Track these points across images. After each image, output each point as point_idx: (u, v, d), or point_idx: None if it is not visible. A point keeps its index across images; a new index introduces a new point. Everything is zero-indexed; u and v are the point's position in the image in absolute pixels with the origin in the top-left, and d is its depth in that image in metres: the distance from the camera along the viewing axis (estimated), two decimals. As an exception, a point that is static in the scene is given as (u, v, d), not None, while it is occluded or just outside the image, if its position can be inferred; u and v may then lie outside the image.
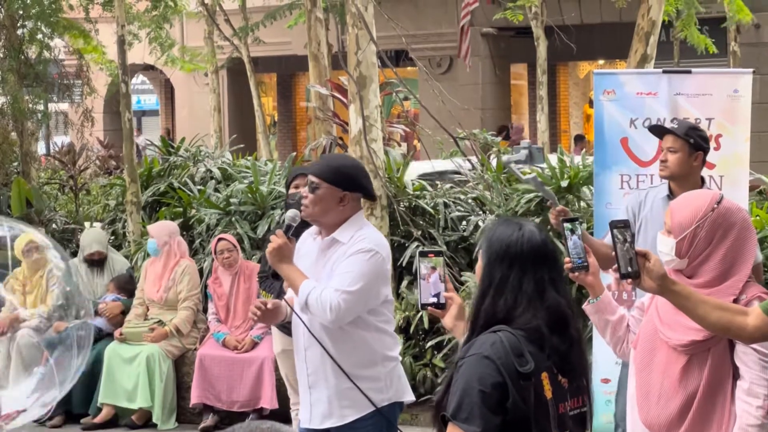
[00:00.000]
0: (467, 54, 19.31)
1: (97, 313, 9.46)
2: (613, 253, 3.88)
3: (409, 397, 5.21)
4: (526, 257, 3.46)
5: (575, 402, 3.49)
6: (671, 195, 5.89)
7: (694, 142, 5.85)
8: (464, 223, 9.61)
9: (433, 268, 3.86)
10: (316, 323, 4.95)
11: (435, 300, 3.86)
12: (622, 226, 3.91)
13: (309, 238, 5.18)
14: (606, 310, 4.23)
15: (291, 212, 5.02)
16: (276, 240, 4.92)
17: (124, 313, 9.50)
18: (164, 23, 17.75)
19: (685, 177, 5.86)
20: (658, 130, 6.07)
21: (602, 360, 7.09)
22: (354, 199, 5.07)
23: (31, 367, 9.43)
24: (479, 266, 3.56)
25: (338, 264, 4.95)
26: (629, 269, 3.86)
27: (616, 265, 3.88)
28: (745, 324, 3.81)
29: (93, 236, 9.89)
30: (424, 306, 3.90)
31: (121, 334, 9.21)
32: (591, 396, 3.56)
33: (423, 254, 3.91)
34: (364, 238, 5.01)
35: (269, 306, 5.01)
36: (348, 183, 5.05)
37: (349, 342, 4.97)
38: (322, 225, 5.06)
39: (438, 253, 3.91)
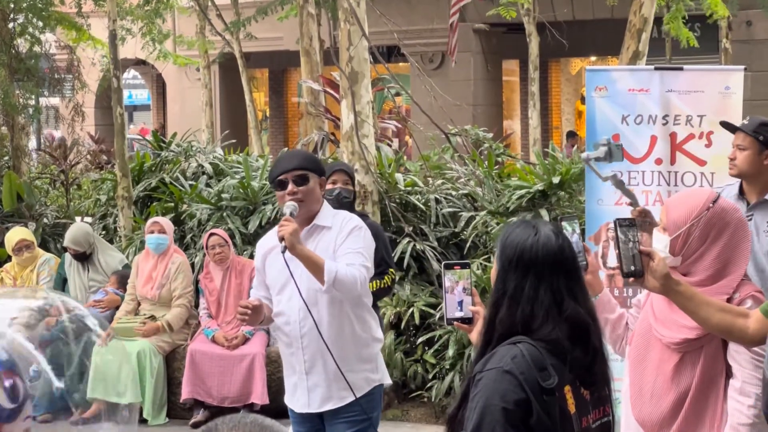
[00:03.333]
0: (455, 51, 19.30)
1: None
2: (617, 251, 3.85)
3: (389, 380, 5.40)
4: (541, 265, 3.26)
5: (597, 413, 3.33)
6: (742, 194, 5.75)
7: (764, 139, 5.64)
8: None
9: (458, 281, 3.68)
10: (323, 307, 5.04)
11: (461, 314, 3.67)
12: (626, 224, 3.88)
13: (273, 240, 5.21)
14: (605, 308, 4.23)
15: (291, 204, 5.05)
16: (289, 224, 4.94)
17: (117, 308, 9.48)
18: (156, 18, 17.72)
19: (755, 175, 5.69)
20: (730, 128, 5.90)
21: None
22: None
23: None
24: (494, 270, 3.39)
25: (337, 246, 5.08)
26: (632, 268, 3.83)
27: (618, 263, 3.86)
28: (746, 327, 3.80)
29: (70, 232, 9.84)
30: (449, 321, 3.70)
31: (108, 335, 9.16)
32: (613, 404, 3.41)
33: (448, 266, 3.70)
34: (350, 218, 5.24)
35: (255, 303, 5.10)
36: (322, 169, 5.29)
37: (349, 324, 5.12)
38: (307, 215, 5.15)
39: (464, 265, 3.71)
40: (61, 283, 9.78)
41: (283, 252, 4.93)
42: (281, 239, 4.92)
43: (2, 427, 2.54)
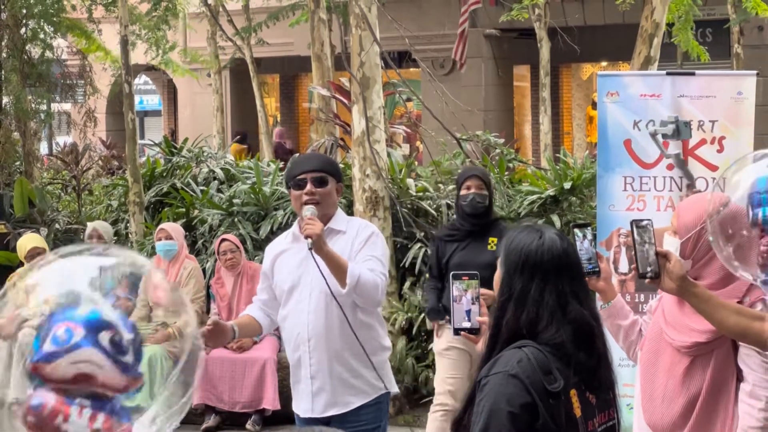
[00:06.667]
0: (464, 59, 19.32)
1: None
2: (633, 252, 3.85)
3: (395, 389, 5.36)
4: (546, 268, 3.27)
5: (603, 417, 3.33)
6: None
7: None
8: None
9: (466, 290, 3.68)
10: (333, 311, 5.01)
11: (469, 325, 3.67)
12: (643, 225, 3.88)
13: (284, 243, 5.25)
14: (618, 314, 4.23)
15: (311, 208, 5.01)
16: (316, 223, 4.87)
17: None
18: (163, 25, 17.73)
19: None
20: None
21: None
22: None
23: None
24: (498, 275, 3.39)
25: (353, 252, 5.06)
26: (649, 269, 3.83)
27: (634, 264, 3.86)
28: (762, 330, 3.79)
29: (95, 222, 9.86)
30: (457, 331, 3.70)
31: None
32: (618, 408, 3.42)
33: (456, 276, 3.71)
34: (366, 224, 5.27)
35: (209, 328, 4.99)
36: (340, 175, 5.29)
37: (358, 330, 5.07)
38: (322, 219, 5.10)
39: (472, 276, 3.72)
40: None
41: (310, 250, 4.86)
42: (308, 237, 4.86)
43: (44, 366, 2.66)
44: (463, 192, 7.25)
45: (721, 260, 3.85)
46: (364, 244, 5.08)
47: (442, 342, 7.36)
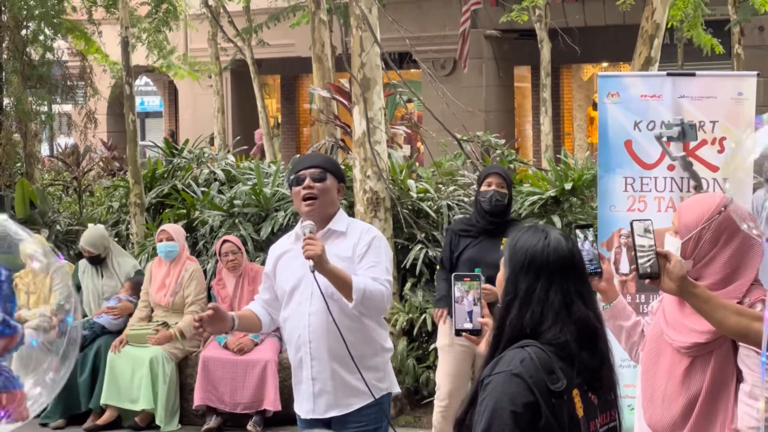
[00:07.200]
0: (466, 60, 19.33)
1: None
2: (633, 252, 3.85)
3: (397, 389, 5.36)
4: (552, 268, 3.28)
5: (605, 418, 3.34)
6: None
7: None
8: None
9: (468, 291, 3.67)
10: (335, 314, 4.98)
11: (470, 326, 3.67)
12: (643, 225, 3.87)
13: (287, 243, 5.24)
14: (620, 315, 4.23)
15: (309, 224, 4.97)
16: (317, 242, 4.83)
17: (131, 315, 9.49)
18: (164, 27, 17.72)
19: None
20: None
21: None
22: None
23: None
24: (501, 275, 3.40)
25: (356, 257, 5.04)
26: (649, 269, 3.83)
27: (634, 264, 3.86)
28: (762, 330, 3.79)
29: (86, 234, 9.87)
30: (458, 332, 3.69)
31: (121, 342, 9.18)
32: (620, 409, 3.42)
33: (458, 277, 3.71)
34: (368, 229, 5.20)
35: (210, 313, 4.96)
36: (342, 175, 5.24)
37: (359, 333, 5.07)
38: (321, 217, 5.09)
39: (474, 277, 3.71)
40: (75, 291, 9.79)
41: (313, 272, 4.83)
42: (308, 258, 4.81)
43: None
44: (483, 188, 7.22)
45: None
46: (366, 250, 5.04)
47: (446, 337, 7.36)
